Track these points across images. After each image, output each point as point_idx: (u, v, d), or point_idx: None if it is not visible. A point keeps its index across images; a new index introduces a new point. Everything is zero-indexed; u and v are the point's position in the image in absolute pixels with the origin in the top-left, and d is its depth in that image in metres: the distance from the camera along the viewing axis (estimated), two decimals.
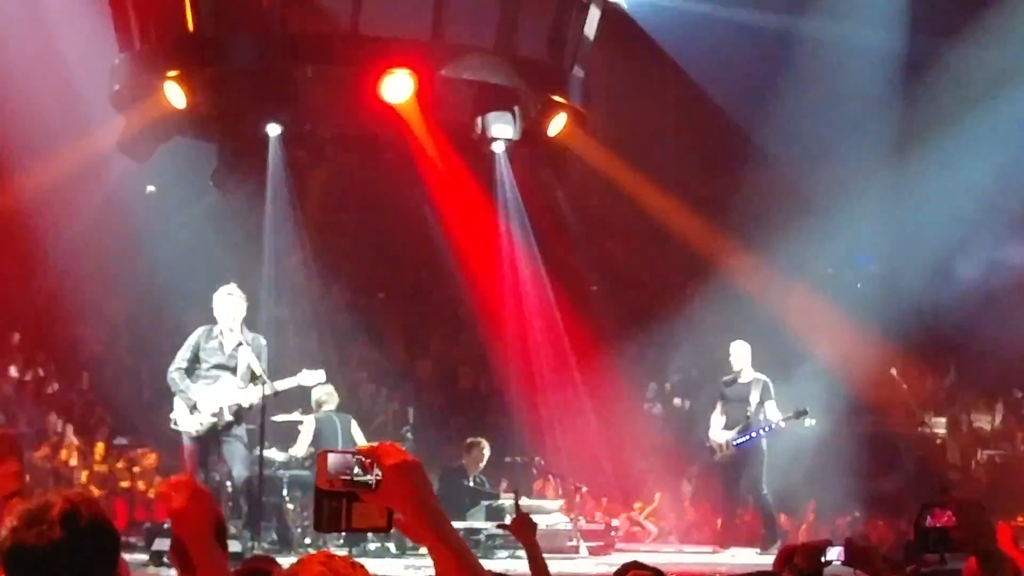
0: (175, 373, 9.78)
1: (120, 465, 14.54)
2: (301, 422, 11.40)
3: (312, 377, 10.16)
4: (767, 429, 11.83)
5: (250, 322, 10.13)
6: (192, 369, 9.77)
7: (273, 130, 11.92)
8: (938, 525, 3.15)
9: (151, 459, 14.71)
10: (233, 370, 9.67)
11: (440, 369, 18.00)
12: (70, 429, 14.81)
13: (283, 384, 9.88)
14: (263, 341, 9.93)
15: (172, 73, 11.92)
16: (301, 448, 11.32)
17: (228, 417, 9.66)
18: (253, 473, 9.93)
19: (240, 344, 9.64)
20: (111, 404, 15.75)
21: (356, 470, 2.24)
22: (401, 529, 2.36)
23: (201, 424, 9.65)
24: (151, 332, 17.05)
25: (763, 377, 12.02)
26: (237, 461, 9.83)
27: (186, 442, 9.81)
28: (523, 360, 17.96)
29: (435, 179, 13.03)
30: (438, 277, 18.69)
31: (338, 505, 2.26)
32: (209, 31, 12.10)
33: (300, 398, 11.17)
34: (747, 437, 11.82)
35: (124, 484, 14.32)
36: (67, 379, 15.84)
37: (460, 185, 13.67)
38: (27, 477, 13.36)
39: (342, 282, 18.72)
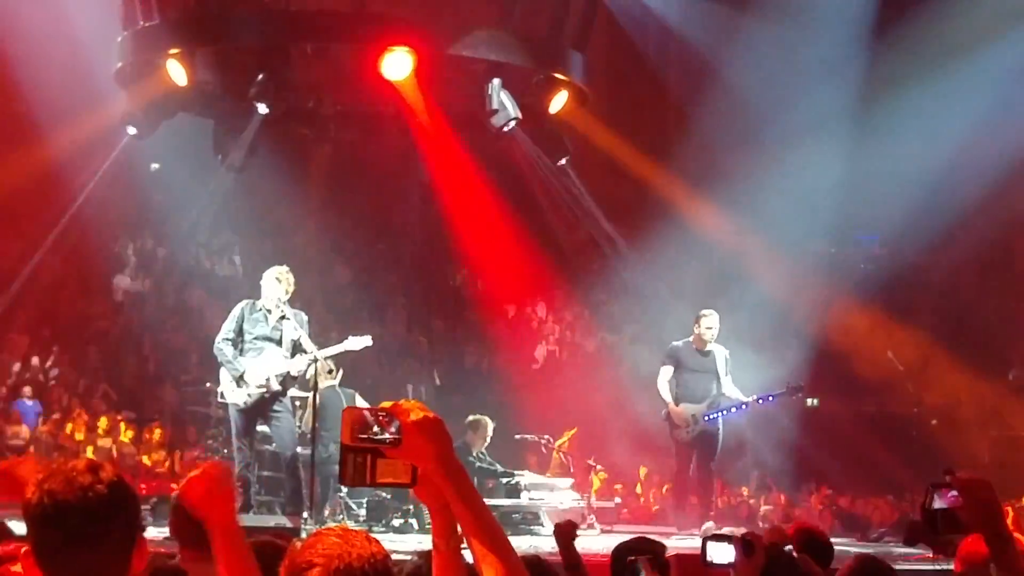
0: (222, 344, 9.80)
1: (125, 439, 14.66)
2: (304, 398, 11.45)
3: (359, 342, 10.13)
4: (745, 406, 11.10)
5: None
6: (236, 342, 9.81)
7: (262, 108, 11.91)
8: (945, 506, 3.16)
9: (156, 433, 14.84)
10: (278, 342, 9.74)
11: (443, 347, 18.04)
12: (75, 403, 14.92)
13: (329, 351, 9.94)
14: (305, 316, 10.01)
15: (174, 50, 11.96)
16: (305, 424, 11.37)
17: (276, 387, 9.73)
18: (298, 451, 10.01)
19: (283, 317, 9.76)
20: (116, 379, 15.86)
21: (378, 427, 2.29)
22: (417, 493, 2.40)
23: (249, 396, 9.69)
24: (156, 308, 17.17)
25: (723, 348, 11.32)
26: (285, 439, 9.91)
27: (232, 414, 9.86)
28: (525, 338, 18.02)
29: (436, 157, 13.04)
30: (441, 255, 18.74)
31: (362, 460, 2.30)
32: (211, 8, 12.13)
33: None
34: (720, 412, 11.07)
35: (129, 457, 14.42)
36: (72, 354, 15.94)
37: (461, 163, 13.68)
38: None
39: (344, 259, 18.79)
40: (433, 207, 15.64)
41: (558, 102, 12.51)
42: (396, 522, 10.86)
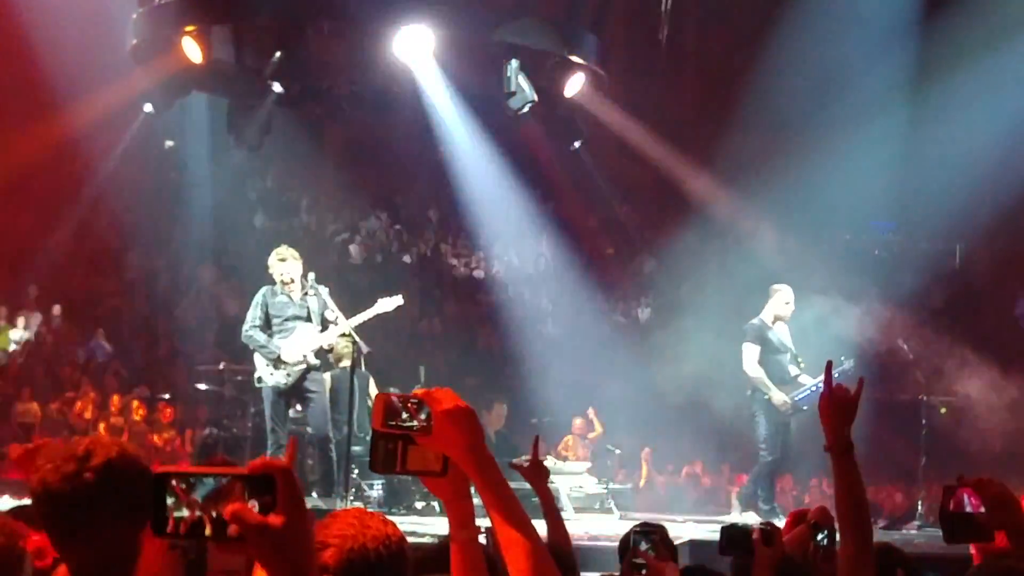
0: (251, 331, 9.77)
1: (136, 418, 14.66)
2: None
3: (390, 303, 10.07)
4: (817, 387, 10.06)
5: (262, 280, 10.16)
6: (264, 328, 9.78)
7: (278, 87, 11.86)
8: (967, 510, 3.14)
9: (167, 412, 14.84)
10: (307, 318, 9.74)
11: (455, 329, 18.03)
12: (85, 382, 14.93)
13: (360, 318, 9.88)
14: (324, 287, 9.99)
15: (189, 28, 11.91)
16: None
17: (314, 361, 9.73)
18: (330, 432, 9.99)
19: (309, 293, 9.75)
20: (127, 357, 15.87)
21: (407, 414, 2.26)
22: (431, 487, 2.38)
23: (288, 376, 9.68)
24: (168, 286, 17.18)
25: (785, 325, 10.61)
26: (318, 419, 9.92)
27: (270, 397, 9.81)
28: (539, 320, 17.99)
29: (451, 137, 13.00)
30: (454, 236, 18.72)
31: (393, 447, 2.28)
32: None
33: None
34: (808, 392, 10.19)
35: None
36: (84, 332, 15.94)
37: (475, 144, 13.64)
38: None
39: (358, 240, 18.77)
40: (447, 188, 15.61)
41: (574, 85, 12.45)
42: (418, 505, 10.85)
